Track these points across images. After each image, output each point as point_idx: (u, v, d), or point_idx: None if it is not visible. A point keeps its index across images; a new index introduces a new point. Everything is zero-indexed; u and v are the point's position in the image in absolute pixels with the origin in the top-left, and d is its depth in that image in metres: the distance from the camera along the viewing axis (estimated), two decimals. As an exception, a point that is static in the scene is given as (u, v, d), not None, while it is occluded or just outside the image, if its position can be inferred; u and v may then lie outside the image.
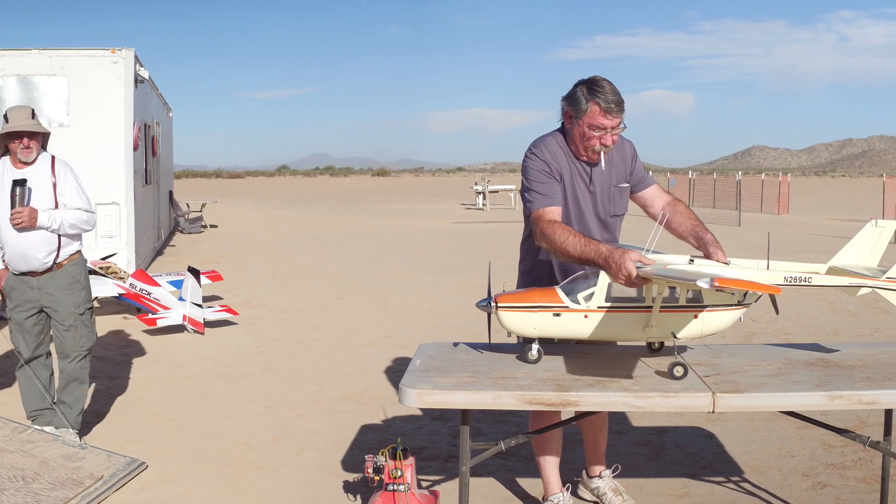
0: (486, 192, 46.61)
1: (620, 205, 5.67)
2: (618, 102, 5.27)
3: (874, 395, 4.61)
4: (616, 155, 5.56)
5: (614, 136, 5.36)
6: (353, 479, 6.48)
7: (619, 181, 5.61)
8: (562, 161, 5.48)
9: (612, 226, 5.69)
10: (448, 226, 33.43)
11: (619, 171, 5.61)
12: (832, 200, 61.34)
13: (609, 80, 5.34)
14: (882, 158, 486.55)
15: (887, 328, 12.50)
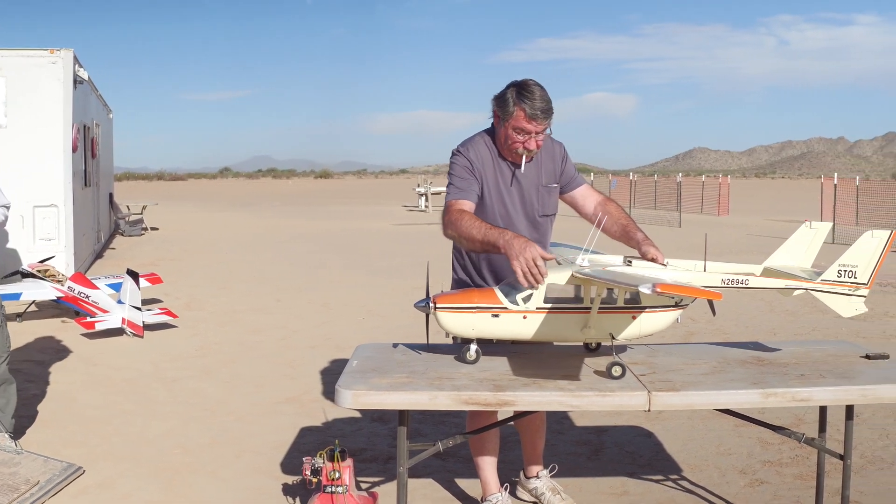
0: (428, 194, 46.63)
1: (549, 205, 5.70)
2: (544, 110, 5.31)
3: (808, 392, 4.66)
4: (545, 156, 5.62)
5: (538, 140, 5.39)
6: (292, 482, 6.44)
7: (547, 181, 5.65)
8: (487, 161, 5.53)
9: (542, 225, 5.72)
10: (390, 228, 33.41)
11: (548, 171, 5.66)
12: (772, 202, 62.07)
13: (541, 85, 5.37)
14: (821, 160, 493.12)
15: (824, 327, 12.64)
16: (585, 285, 4.95)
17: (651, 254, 5.21)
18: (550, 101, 5.35)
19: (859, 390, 4.72)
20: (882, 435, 7.64)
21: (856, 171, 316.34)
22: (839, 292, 5.22)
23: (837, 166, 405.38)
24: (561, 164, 5.71)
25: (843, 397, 4.78)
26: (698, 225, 36.05)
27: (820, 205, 34.77)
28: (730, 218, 42.82)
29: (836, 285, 5.21)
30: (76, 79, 16.41)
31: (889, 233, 5.24)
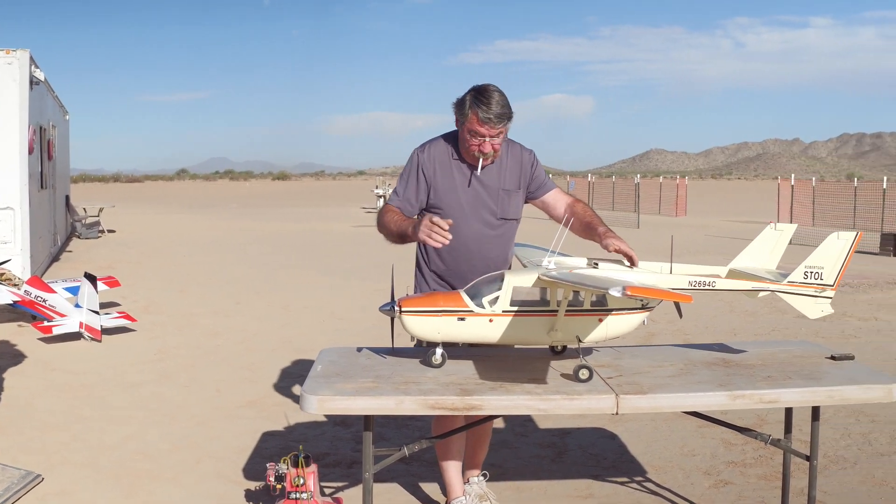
0: (386, 196, 46.51)
1: (509, 209, 5.71)
2: (498, 115, 5.35)
3: (775, 393, 4.66)
4: (511, 161, 5.68)
5: (494, 144, 5.44)
6: (255, 488, 6.38)
7: (508, 186, 5.67)
8: (442, 161, 5.62)
9: (501, 227, 5.73)
10: (349, 229, 33.31)
11: (512, 177, 5.70)
12: (728, 202, 62.50)
13: (501, 91, 5.43)
14: (776, 161, 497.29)
15: (784, 327, 12.71)
16: (552, 288, 4.93)
17: (614, 245, 5.26)
18: (507, 107, 5.39)
19: (826, 391, 4.73)
20: (844, 434, 7.67)
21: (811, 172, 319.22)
22: (806, 294, 5.22)
23: (793, 167, 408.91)
24: (530, 171, 5.76)
25: (811, 399, 4.78)
26: (656, 226, 36.23)
27: (777, 206, 35.01)
28: (687, 219, 43.08)
29: (802, 287, 5.21)
30: (32, 80, 16.22)
31: (854, 234, 5.25)
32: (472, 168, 5.56)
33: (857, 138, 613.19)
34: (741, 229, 33.04)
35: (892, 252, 24.67)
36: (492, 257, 5.67)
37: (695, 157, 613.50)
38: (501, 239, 5.73)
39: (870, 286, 17.33)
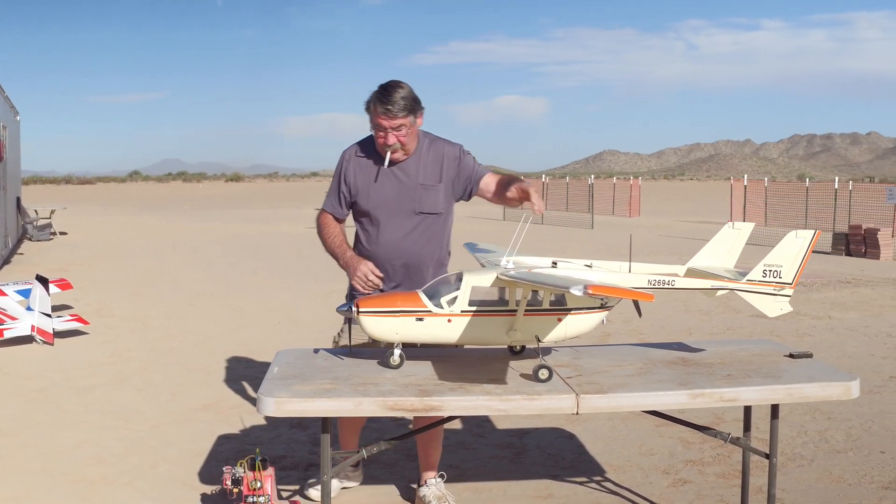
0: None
1: (429, 203, 5.76)
2: (397, 105, 5.51)
3: (735, 392, 4.66)
4: (431, 155, 5.78)
5: (399, 136, 5.57)
6: (211, 492, 6.30)
7: (426, 180, 5.75)
8: (363, 159, 5.82)
9: (421, 222, 5.78)
10: (303, 231, 33.14)
11: (432, 171, 5.77)
12: (681, 203, 62.89)
13: (404, 85, 5.61)
14: (728, 162, 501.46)
15: (739, 326, 12.78)
16: (511, 287, 4.91)
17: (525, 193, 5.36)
18: (409, 99, 5.56)
19: (785, 389, 4.74)
20: (801, 432, 7.71)
21: (762, 172, 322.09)
22: (764, 292, 5.24)
23: (745, 168, 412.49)
24: (454, 165, 5.81)
25: (770, 397, 4.79)
26: (610, 226, 36.38)
27: (730, 206, 35.27)
28: (641, 219, 43.28)
29: (761, 285, 5.22)
30: (-19, 81, 16.01)
31: (813, 233, 5.27)
32: (389, 164, 5.70)
33: (807, 139, 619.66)
34: (695, 229, 33.25)
35: (844, 251, 24.91)
36: (413, 251, 5.75)
37: (648, 158, 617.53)
38: (424, 234, 5.78)
39: (823, 285, 17.48)
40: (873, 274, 19.83)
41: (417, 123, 5.67)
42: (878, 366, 10.28)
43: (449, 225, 5.92)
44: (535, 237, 5.50)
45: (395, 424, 7.75)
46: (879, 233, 24.20)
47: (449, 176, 5.77)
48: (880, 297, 15.99)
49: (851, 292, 16.63)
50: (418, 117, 5.66)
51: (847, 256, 24.48)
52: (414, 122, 5.62)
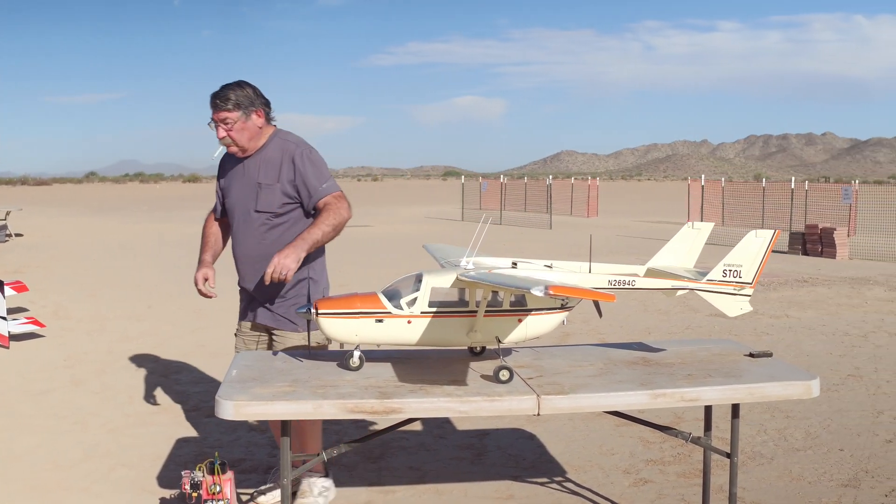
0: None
1: (264, 202, 5.74)
2: (223, 98, 5.62)
3: (696, 391, 4.66)
4: (272, 153, 5.77)
5: (227, 129, 5.65)
6: (170, 496, 6.24)
7: (263, 179, 5.74)
8: (227, 159, 5.96)
9: (257, 220, 5.78)
10: (262, 232, 33.03)
11: (270, 170, 5.75)
12: (639, 203, 63.18)
13: (241, 83, 5.74)
14: (685, 162, 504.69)
15: (697, 325, 12.83)
16: (471, 288, 4.88)
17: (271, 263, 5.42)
18: (239, 95, 5.65)
19: (746, 389, 4.74)
20: (760, 431, 7.74)
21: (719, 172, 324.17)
22: (725, 292, 5.24)
23: (701, 168, 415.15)
24: (292, 167, 5.72)
25: (731, 396, 4.79)
26: (569, 227, 36.46)
27: (687, 206, 35.45)
28: (599, 219, 43.43)
29: (721, 285, 5.23)
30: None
31: (772, 233, 5.28)
32: (240, 161, 5.84)
33: (763, 140, 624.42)
34: (653, 229, 33.40)
35: (800, 251, 25.10)
36: (256, 252, 5.81)
37: (605, 159, 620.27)
38: (267, 234, 5.77)
39: (780, 284, 17.58)
40: (830, 273, 19.97)
41: (253, 120, 5.69)
42: (835, 364, 10.35)
43: (296, 230, 5.72)
44: (494, 238, 5.46)
45: (356, 427, 7.72)
46: (836, 232, 24.40)
47: (287, 177, 5.69)
48: (837, 296, 16.11)
49: (808, 291, 16.74)
50: (252, 115, 5.67)
51: (804, 256, 24.66)
52: (245, 118, 5.65)
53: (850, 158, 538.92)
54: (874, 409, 8.43)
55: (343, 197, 5.76)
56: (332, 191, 5.71)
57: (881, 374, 9.84)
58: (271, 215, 5.71)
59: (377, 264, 20.83)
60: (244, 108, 5.63)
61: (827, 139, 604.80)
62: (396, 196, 79.01)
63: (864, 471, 6.80)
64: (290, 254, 5.38)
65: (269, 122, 5.83)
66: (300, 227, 5.70)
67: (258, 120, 5.71)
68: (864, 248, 24.72)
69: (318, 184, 5.69)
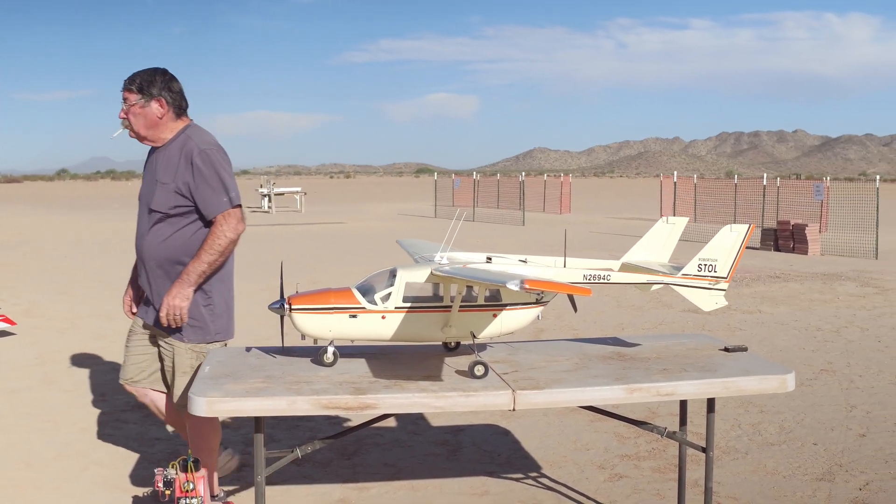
0: (271, 195, 46.29)
1: (158, 201, 5.49)
2: (130, 78, 5.54)
3: (672, 386, 4.65)
4: (173, 151, 5.52)
5: (125, 110, 5.54)
6: (143, 494, 6.19)
7: (161, 177, 5.52)
8: (152, 149, 5.72)
9: (152, 220, 5.54)
10: (235, 229, 32.91)
11: (169, 168, 5.50)
12: (612, 200, 63.34)
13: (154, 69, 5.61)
14: (657, 159, 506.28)
15: (670, 321, 12.86)
16: (445, 283, 4.86)
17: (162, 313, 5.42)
18: (142, 77, 5.52)
19: (722, 383, 4.74)
20: (734, 425, 7.75)
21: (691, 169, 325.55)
22: (700, 286, 5.24)
23: (673, 165, 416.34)
24: (188, 168, 5.45)
25: (707, 390, 4.79)
26: (542, 223, 36.50)
27: (659, 202, 35.58)
28: (572, 216, 43.49)
29: (696, 279, 5.23)
30: None
31: (747, 227, 5.28)
32: (151, 154, 5.70)
33: (735, 137, 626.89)
34: (625, 226, 33.48)
35: (773, 247, 25.20)
36: (150, 252, 5.57)
37: (577, 156, 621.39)
38: (159, 234, 5.53)
39: (753, 280, 17.64)
40: (802, 269, 20.07)
41: (152, 108, 5.49)
42: (808, 359, 10.39)
43: (190, 232, 5.53)
44: (467, 234, 5.42)
45: (329, 423, 7.68)
46: (807, 228, 24.51)
47: (182, 178, 5.43)
48: (809, 292, 16.18)
49: (781, 287, 16.80)
50: (152, 102, 5.48)
51: (776, 252, 24.76)
52: (144, 103, 5.48)
53: (821, 156, 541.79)
54: (847, 404, 8.46)
55: (231, 214, 5.47)
56: (222, 208, 5.45)
57: (854, 369, 9.88)
58: (164, 215, 5.48)
59: (350, 261, 20.80)
60: (145, 92, 5.46)
61: (798, 136, 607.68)
62: (369, 193, 78.94)
63: (837, 465, 6.82)
64: (178, 294, 5.31)
65: (179, 116, 5.60)
66: (194, 231, 5.50)
67: (158, 109, 5.50)
68: (835, 244, 24.85)
69: (211, 196, 5.43)
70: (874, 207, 24.68)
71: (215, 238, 5.41)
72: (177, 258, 5.50)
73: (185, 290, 5.33)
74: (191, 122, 5.67)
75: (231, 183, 5.51)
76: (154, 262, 5.54)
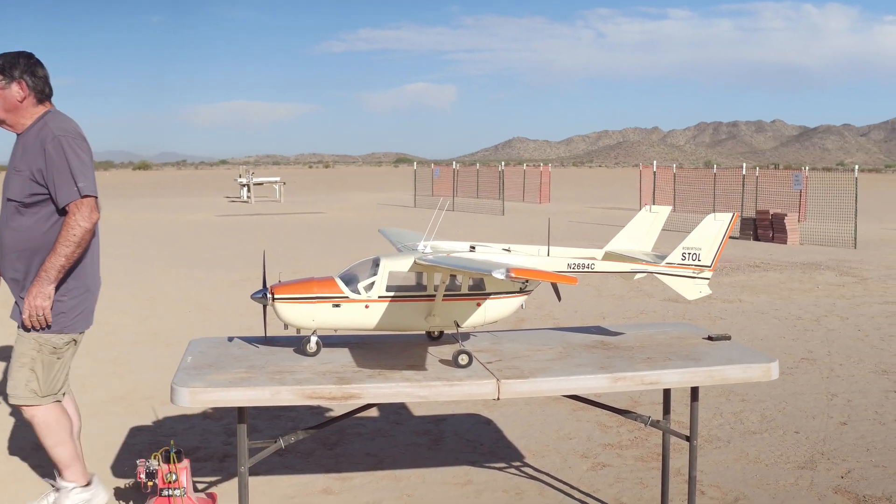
0: (250, 185, 46.19)
1: (14, 189, 5.32)
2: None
3: (656, 375, 4.65)
4: (32, 139, 5.33)
5: None
6: (125, 486, 6.16)
7: (17, 164, 5.35)
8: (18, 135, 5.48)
9: (8, 209, 5.37)
10: (213, 219, 32.84)
11: (24, 156, 5.33)
12: (591, 189, 63.43)
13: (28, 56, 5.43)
14: (636, 149, 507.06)
15: (651, 310, 12.87)
16: (429, 272, 4.84)
17: None
18: (5, 58, 5.35)
19: (706, 372, 4.74)
20: (716, 414, 7.76)
21: (670, 159, 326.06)
22: (684, 275, 5.24)
23: (652, 155, 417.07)
24: (42, 156, 5.27)
25: (691, 379, 4.78)
26: (521, 213, 36.51)
27: (639, 192, 35.64)
28: (551, 206, 43.50)
29: (680, 268, 5.22)
30: None
31: (731, 215, 5.28)
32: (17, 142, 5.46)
33: (713, 127, 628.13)
34: (605, 216, 33.53)
35: (752, 236, 25.27)
36: (8, 242, 5.41)
37: (556, 146, 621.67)
38: (11, 223, 5.36)
39: (733, 269, 17.69)
40: (781, 258, 20.13)
41: (13, 91, 5.32)
42: (789, 348, 10.41)
43: (47, 222, 5.37)
44: (447, 224, 5.37)
45: (311, 413, 7.65)
46: (787, 218, 24.58)
47: (36, 166, 5.25)
48: (788, 281, 16.23)
49: (760, 276, 16.85)
50: (13, 84, 5.32)
51: (755, 241, 24.83)
52: (4, 85, 5.31)
53: (799, 145, 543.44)
54: (828, 392, 8.48)
55: (83, 204, 5.30)
56: (72, 198, 5.25)
57: (834, 358, 9.91)
58: (20, 204, 5.31)
59: (330, 251, 20.76)
60: (6, 73, 5.28)
61: (776, 126, 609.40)
62: (348, 183, 78.83)
63: (819, 453, 6.84)
64: (38, 293, 5.21)
65: (40, 102, 5.42)
66: (51, 220, 5.34)
67: (18, 92, 5.32)
68: (814, 233, 24.94)
69: (62, 184, 5.24)
70: (853, 197, 24.78)
71: (69, 229, 5.25)
72: (35, 248, 5.33)
73: (46, 289, 5.22)
74: (52, 109, 5.49)
75: (83, 172, 5.30)
76: (14, 252, 5.37)
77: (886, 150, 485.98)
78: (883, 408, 8.01)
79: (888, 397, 8.35)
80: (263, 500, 5.95)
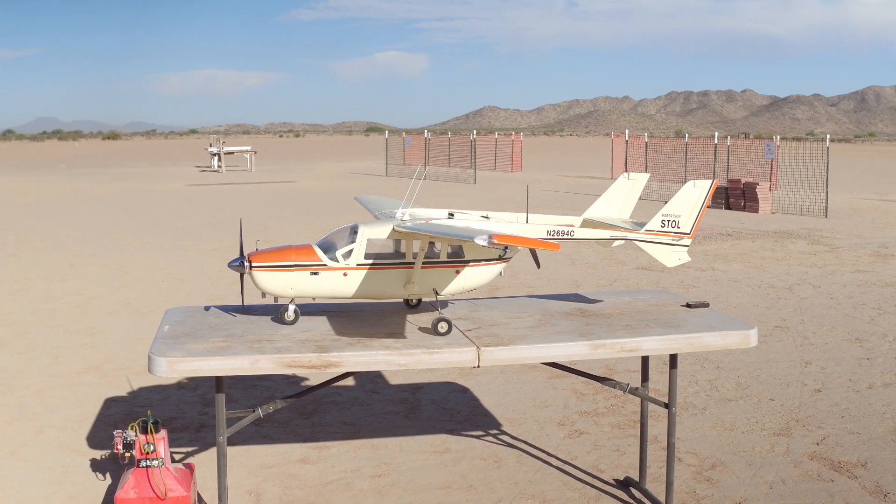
0: (221, 154, 45.88)
1: None
2: None
3: (636, 342, 4.64)
4: None
5: None
6: (101, 457, 6.12)
7: None
8: None
9: None
10: (184, 189, 32.62)
11: None
12: (562, 158, 63.34)
13: None
14: (607, 118, 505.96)
15: (625, 278, 12.89)
16: (408, 240, 4.81)
17: None
18: None
19: (685, 339, 4.74)
20: (691, 381, 7.79)
21: (640, 128, 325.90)
22: (663, 242, 5.23)
23: (623, 124, 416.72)
24: None
25: (671, 346, 4.78)
26: (493, 181, 36.45)
27: (611, 160, 35.65)
28: (523, 174, 43.44)
29: (660, 235, 5.21)
30: None
31: (710, 182, 5.27)
32: None
33: (684, 96, 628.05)
34: (577, 184, 33.51)
35: (724, 205, 25.34)
36: None
37: (527, 115, 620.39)
38: None
39: (705, 237, 17.72)
40: (753, 227, 20.18)
41: None
42: (762, 315, 10.45)
43: None
44: (419, 193, 5.31)
45: (287, 382, 7.63)
46: (758, 187, 24.64)
47: None
48: (760, 249, 16.28)
49: (733, 245, 16.90)
50: None
51: (727, 210, 24.88)
52: None
53: (770, 115, 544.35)
54: (802, 360, 8.53)
55: None
56: None
57: (807, 326, 9.96)
58: None
59: (302, 220, 20.66)
60: None
61: (747, 96, 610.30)
62: (320, 152, 78.48)
63: (794, 420, 6.88)
64: None
65: None
66: None
67: None
68: (785, 202, 25.01)
69: None
70: (824, 167, 24.84)
71: None
72: None
73: None
74: None
75: None
76: None
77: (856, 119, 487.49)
78: (856, 375, 8.06)
79: (861, 364, 8.40)
80: (241, 469, 5.94)
